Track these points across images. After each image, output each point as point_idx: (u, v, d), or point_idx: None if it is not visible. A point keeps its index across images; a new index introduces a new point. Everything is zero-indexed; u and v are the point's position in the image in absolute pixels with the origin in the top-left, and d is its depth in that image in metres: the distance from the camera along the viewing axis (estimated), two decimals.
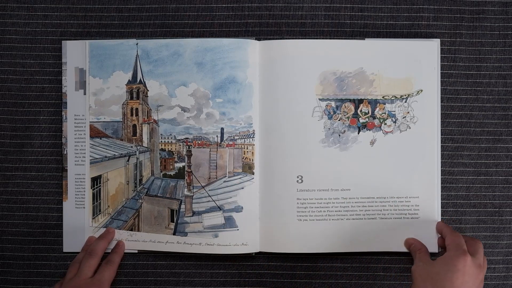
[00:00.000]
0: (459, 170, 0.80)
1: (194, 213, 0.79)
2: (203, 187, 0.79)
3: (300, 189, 0.77)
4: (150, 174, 0.80)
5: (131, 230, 0.79)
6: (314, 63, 0.77)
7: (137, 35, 0.80)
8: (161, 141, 0.79)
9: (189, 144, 0.78)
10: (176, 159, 0.79)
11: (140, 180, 0.80)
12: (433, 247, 0.77)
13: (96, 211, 0.79)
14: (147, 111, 0.80)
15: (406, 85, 0.78)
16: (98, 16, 0.80)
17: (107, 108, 0.80)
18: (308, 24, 0.80)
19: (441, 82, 0.79)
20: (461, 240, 0.70)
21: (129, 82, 0.79)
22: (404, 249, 0.77)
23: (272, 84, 0.77)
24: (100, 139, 0.80)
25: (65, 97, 0.79)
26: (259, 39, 0.78)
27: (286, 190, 0.77)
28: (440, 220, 0.78)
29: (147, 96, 0.79)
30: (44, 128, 0.80)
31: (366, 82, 0.78)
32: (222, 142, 0.78)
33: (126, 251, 0.78)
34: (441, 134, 0.79)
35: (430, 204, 0.78)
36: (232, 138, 0.78)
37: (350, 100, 0.78)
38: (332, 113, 0.77)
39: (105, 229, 0.79)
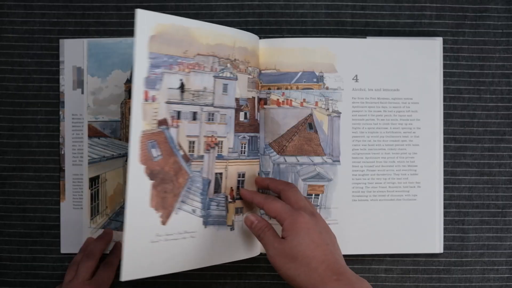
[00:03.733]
0: (461, 170, 0.79)
1: None
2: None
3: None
4: None
5: None
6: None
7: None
8: None
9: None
10: None
11: None
12: (435, 248, 0.77)
13: (94, 211, 0.79)
14: None
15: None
16: (96, 15, 0.79)
17: (105, 108, 0.79)
18: (309, 22, 0.79)
19: (444, 81, 0.78)
20: (284, 206, 0.65)
21: (127, 81, 0.78)
22: (404, 251, 0.77)
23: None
24: (98, 138, 0.79)
25: (62, 96, 0.79)
26: (259, 38, 0.77)
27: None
28: (442, 222, 0.77)
29: None
30: (41, 127, 0.79)
31: None
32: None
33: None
34: (444, 134, 0.78)
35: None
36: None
37: None
38: None
39: (103, 230, 0.78)
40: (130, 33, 0.79)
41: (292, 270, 0.62)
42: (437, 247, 0.77)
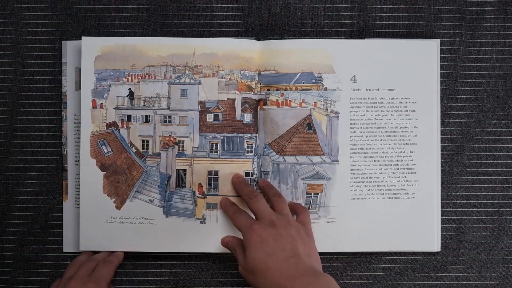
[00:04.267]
0: (458, 170, 0.80)
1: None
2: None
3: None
4: None
5: None
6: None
7: (138, 35, 0.80)
8: None
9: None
10: None
11: None
12: (433, 247, 0.77)
13: None
14: None
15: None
16: (98, 16, 0.80)
17: None
18: (308, 24, 0.80)
19: (441, 82, 0.79)
20: (242, 216, 0.70)
21: None
22: (402, 249, 0.78)
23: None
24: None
25: (65, 97, 0.79)
26: (259, 39, 0.78)
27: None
28: (439, 220, 0.78)
29: None
30: (44, 128, 0.80)
31: None
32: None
33: (126, 251, 0.78)
34: (441, 134, 0.79)
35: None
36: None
37: None
38: None
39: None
40: (132, 34, 0.80)
41: (255, 283, 0.65)
42: (435, 245, 0.78)
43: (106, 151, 0.77)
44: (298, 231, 0.68)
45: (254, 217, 0.70)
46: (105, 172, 0.77)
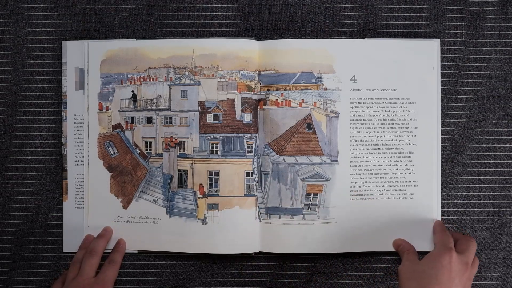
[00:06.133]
0: (459, 170, 0.80)
1: None
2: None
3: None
4: None
5: None
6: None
7: (137, 35, 0.80)
8: None
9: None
10: None
11: None
12: (431, 247, 0.77)
13: None
14: None
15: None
16: (98, 16, 0.80)
17: None
18: (308, 24, 0.80)
19: (441, 82, 0.79)
20: (448, 238, 0.71)
21: None
22: None
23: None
24: None
25: (65, 97, 0.79)
26: (259, 39, 0.78)
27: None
28: (440, 219, 0.78)
29: None
30: (44, 128, 0.80)
31: None
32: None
33: (126, 251, 0.78)
34: (441, 134, 0.79)
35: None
36: None
37: None
38: None
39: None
40: (132, 34, 0.80)
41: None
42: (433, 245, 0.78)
43: (112, 152, 0.79)
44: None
45: None
46: (112, 173, 0.79)
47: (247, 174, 0.78)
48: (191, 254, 0.79)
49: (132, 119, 0.79)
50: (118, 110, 0.79)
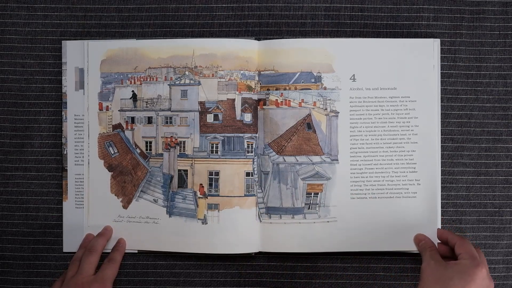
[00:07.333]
0: (459, 170, 0.80)
1: None
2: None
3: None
4: None
5: None
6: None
7: (137, 35, 0.80)
8: None
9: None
10: None
11: None
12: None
13: None
14: None
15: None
16: (98, 16, 0.80)
17: None
18: (308, 24, 0.80)
19: (441, 82, 0.79)
20: (474, 250, 0.70)
21: None
22: (403, 248, 0.78)
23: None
24: None
25: (65, 97, 0.80)
26: (259, 39, 0.78)
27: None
28: (440, 220, 0.78)
29: None
30: (44, 128, 0.80)
31: None
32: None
33: (126, 251, 0.78)
34: (441, 134, 0.79)
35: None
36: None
37: None
38: None
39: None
40: (131, 34, 0.80)
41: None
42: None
43: (112, 152, 0.79)
44: None
45: None
46: (112, 173, 0.79)
47: (247, 174, 0.78)
48: (191, 254, 0.79)
49: (132, 119, 0.79)
50: (118, 110, 0.79)
